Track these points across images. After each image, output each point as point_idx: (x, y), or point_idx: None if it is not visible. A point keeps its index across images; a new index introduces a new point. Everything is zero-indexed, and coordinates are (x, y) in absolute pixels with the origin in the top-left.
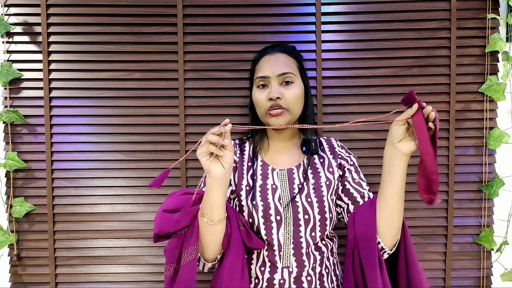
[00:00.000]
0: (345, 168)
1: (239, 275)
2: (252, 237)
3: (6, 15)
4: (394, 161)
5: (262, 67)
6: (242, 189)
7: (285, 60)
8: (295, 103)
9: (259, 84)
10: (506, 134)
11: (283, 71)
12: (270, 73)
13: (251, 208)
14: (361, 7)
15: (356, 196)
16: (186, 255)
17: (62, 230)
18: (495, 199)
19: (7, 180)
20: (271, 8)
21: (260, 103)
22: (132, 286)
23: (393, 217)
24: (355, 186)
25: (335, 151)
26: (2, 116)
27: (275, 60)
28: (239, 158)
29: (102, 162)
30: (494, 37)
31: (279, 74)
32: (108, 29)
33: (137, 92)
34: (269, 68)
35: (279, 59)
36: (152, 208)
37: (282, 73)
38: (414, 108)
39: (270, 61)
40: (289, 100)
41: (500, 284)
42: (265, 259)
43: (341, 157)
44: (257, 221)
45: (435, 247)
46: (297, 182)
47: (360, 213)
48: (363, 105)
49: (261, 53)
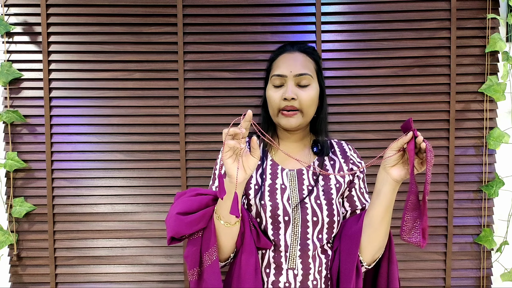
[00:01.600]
0: (355, 174)
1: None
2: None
3: (6, 15)
4: (384, 185)
5: (280, 65)
6: (250, 187)
7: (304, 60)
8: (310, 106)
9: (275, 82)
10: (506, 134)
11: (301, 71)
12: (288, 72)
13: (259, 207)
14: (361, 7)
15: (357, 205)
16: (207, 257)
17: (62, 230)
18: (495, 199)
19: (7, 180)
20: (271, 8)
21: (273, 102)
22: (132, 286)
23: (375, 237)
24: (359, 196)
25: (347, 155)
26: (2, 116)
27: (293, 59)
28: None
29: (102, 162)
30: (494, 37)
31: (297, 74)
32: (108, 29)
33: (137, 92)
34: (287, 67)
35: (297, 58)
36: (152, 208)
37: (300, 74)
38: (408, 136)
39: (288, 60)
40: (304, 102)
41: (500, 284)
42: (270, 260)
43: (352, 162)
44: (265, 221)
45: (435, 247)
46: (306, 183)
47: (347, 228)
48: (363, 105)
49: (279, 51)
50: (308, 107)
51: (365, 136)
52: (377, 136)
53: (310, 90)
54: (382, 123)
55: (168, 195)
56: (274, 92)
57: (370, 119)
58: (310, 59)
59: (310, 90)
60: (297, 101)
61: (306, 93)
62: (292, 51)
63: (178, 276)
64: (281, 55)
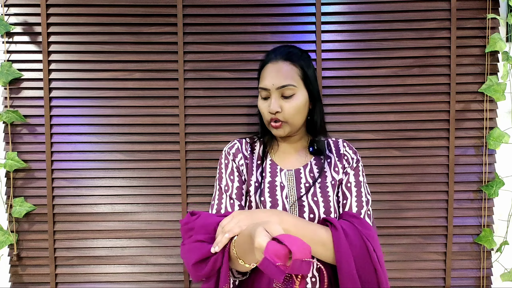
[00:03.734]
0: (345, 169)
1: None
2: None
3: (6, 15)
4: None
5: (265, 77)
6: (251, 185)
7: (287, 70)
8: (294, 115)
9: (262, 94)
10: (506, 134)
11: (283, 83)
12: (270, 85)
13: (259, 203)
14: (361, 7)
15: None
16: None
17: (62, 230)
18: (495, 199)
19: (7, 180)
20: (271, 8)
21: (263, 114)
22: (132, 286)
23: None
24: (344, 191)
25: (340, 152)
26: (2, 116)
27: (276, 70)
28: (249, 155)
29: (102, 162)
30: (494, 37)
31: (279, 87)
32: (108, 29)
33: (137, 92)
34: (270, 79)
35: (280, 69)
36: (152, 208)
37: (282, 86)
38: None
39: (271, 72)
40: (287, 113)
41: (500, 284)
42: None
43: (346, 158)
44: None
45: (435, 247)
46: (304, 182)
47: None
48: (363, 105)
49: (265, 59)
50: (293, 117)
51: (365, 136)
52: (377, 136)
53: (294, 100)
54: (382, 123)
55: (168, 195)
56: (262, 103)
57: (370, 119)
58: (295, 67)
59: (295, 100)
60: (281, 113)
61: (290, 104)
62: (275, 61)
63: (178, 276)
64: (266, 66)
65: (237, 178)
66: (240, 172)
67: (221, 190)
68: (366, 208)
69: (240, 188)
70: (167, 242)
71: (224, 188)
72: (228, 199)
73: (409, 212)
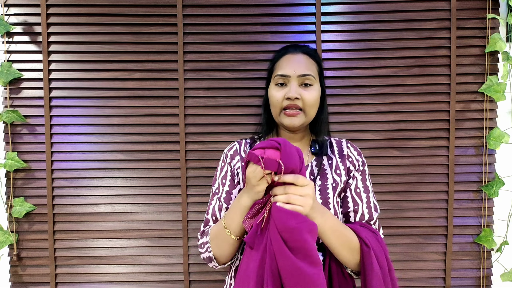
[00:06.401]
0: (351, 173)
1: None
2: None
3: (6, 15)
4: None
5: (283, 66)
6: None
7: (307, 61)
8: (312, 106)
9: (278, 82)
10: (506, 134)
11: (304, 72)
12: (291, 72)
13: None
14: (361, 7)
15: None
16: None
17: (62, 230)
18: (495, 199)
19: (7, 180)
20: (271, 8)
21: (276, 101)
22: (132, 286)
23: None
24: (354, 197)
25: (343, 154)
26: (2, 116)
27: (297, 60)
28: None
29: (102, 162)
30: (494, 37)
31: (300, 74)
32: (108, 29)
33: (137, 92)
34: (290, 67)
35: (300, 60)
36: (152, 208)
37: (303, 74)
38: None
39: (291, 61)
40: (307, 102)
41: (500, 284)
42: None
43: (351, 160)
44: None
45: (435, 247)
46: None
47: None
48: (363, 105)
49: (281, 52)
50: (311, 107)
51: (365, 136)
52: (377, 136)
53: (312, 90)
54: (382, 123)
55: (168, 195)
56: (277, 91)
57: (370, 119)
58: (313, 61)
59: (313, 91)
60: (300, 100)
61: (309, 93)
62: (295, 53)
63: (178, 276)
64: (284, 56)
65: (229, 183)
66: (233, 176)
67: (213, 192)
68: (377, 214)
69: (229, 192)
70: (167, 242)
71: (215, 191)
72: (217, 202)
73: (409, 212)
